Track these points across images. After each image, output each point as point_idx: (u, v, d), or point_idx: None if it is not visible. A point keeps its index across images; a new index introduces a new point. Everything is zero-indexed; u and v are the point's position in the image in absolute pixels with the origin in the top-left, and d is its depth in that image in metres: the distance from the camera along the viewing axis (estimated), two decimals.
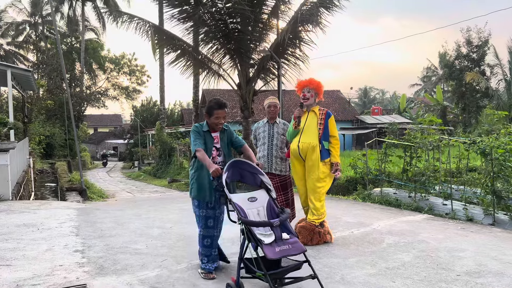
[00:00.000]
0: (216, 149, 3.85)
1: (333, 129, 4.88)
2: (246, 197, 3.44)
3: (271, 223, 3.15)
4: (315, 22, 10.09)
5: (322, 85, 4.99)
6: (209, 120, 3.81)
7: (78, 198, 11.17)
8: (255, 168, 3.61)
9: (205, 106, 3.84)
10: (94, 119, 61.41)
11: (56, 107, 28.32)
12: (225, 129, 3.91)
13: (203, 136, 3.77)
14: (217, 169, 3.40)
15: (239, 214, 3.23)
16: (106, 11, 12.09)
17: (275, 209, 3.46)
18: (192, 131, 3.83)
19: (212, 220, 3.82)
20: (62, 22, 40.17)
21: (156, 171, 24.50)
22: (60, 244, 4.94)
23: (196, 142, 3.73)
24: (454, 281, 3.58)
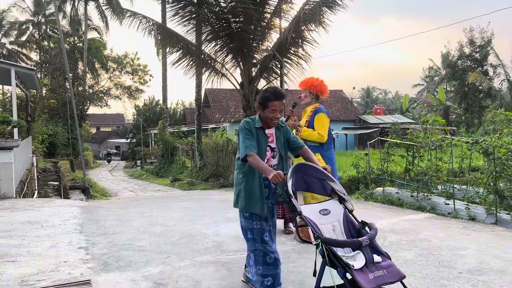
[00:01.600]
0: (270, 149, 3.17)
1: (317, 125, 4.70)
2: (317, 210, 2.82)
3: (360, 242, 2.48)
4: (318, 22, 10.13)
5: (320, 84, 4.89)
6: (262, 113, 3.11)
7: (81, 196, 11.21)
8: (324, 173, 2.96)
9: (259, 96, 3.15)
10: (96, 118, 61.55)
11: (59, 106, 28.42)
12: (281, 126, 3.23)
13: (255, 134, 3.07)
14: (279, 174, 2.71)
15: (315, 231, 2.58)
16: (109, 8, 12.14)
17: (354, 223, 2.84)
18: (242, 129, 3.09)
19: (268, 233, 3.16)
20: (65, 21, 40.29)
21: (158, 170, 24.55)
22: (64, 241, 4.98)
23: (247, 143, 2.99)
24: (456, 278, 3.60)
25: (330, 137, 4.83)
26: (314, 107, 4.86)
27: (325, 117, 4.76)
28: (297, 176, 2.91)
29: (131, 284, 3.52)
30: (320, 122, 4.70)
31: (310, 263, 4.00)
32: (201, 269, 3.90)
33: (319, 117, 4.73)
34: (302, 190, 2.98)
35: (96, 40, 41.78)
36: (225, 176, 13.62)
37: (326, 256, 2.48)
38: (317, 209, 2.83)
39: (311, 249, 4.52)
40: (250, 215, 3.10)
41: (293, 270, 3.85)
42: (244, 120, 3.19)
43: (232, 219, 6.31)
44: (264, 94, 3.11)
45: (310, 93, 4.91)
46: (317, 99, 4.95)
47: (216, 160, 15.45)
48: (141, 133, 38.60)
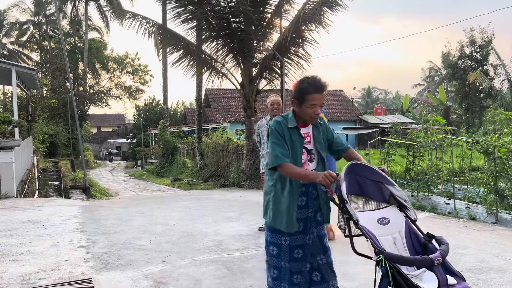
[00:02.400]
0: (306, 152, 2.64)
1: None
2: (375, 218, 2.41)
3: (432, 260, 2.06)
4: (318, 21, 10.13)
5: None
6: (298, 109, 2.59)
7: (82, 196, 11.23)
8: (381, 175, 2.50)
9: (295, 88, 2.63)
10: (97, 119, 61.56)
11: (59, 106, 28.44)
12: (319, 123, 2.71)
13: (288, 137, 2.57)
14: (330, 173, 2.28)
15: (375, 244, 2.16)
16: (109, 9, 12.19)
17: (418, 236, 2.43)
18: (272, 131, 2.60)
19: (301, 249, 2.63)
20: (65, 21, 40.32)
21: (159, 170, 24.55)
22: (65, 240, 4.99)
23: (277, 150, 2.51)
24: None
25: None
26: None
27: (323, 117, 4.78)
28: (350, 178, 2.45)
29: (132, 283, 3.53)
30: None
31: None
32: (202, 268, 3.91)
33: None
34: (354, 194, 2.51)
35: (97, 40, 41.83)
36: (226, 176, 13.62)
37: (390, 276, 2.07)
38: (375, 217, 2.41)
39: None
40: (279, 229, 2.62)
41: None
42: (274, 120, 2.66)
43: (233, 218, 6.33)
44: (300, 86, 2.57)
45: None
46: None
47: (216, 160, 15.45)
48: (141, 133, 38.62)
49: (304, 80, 2.59)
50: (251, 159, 11.65)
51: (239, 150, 13.45)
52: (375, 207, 2.49)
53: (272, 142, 2.57)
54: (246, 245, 4.70)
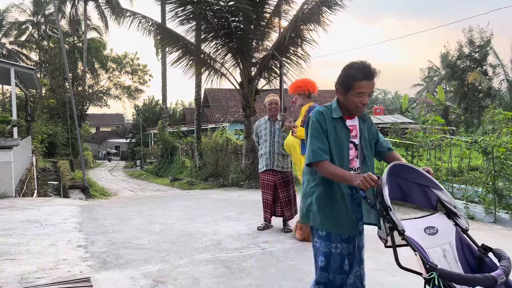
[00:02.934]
0: (354, 147, 2.38)
1: None
2: (422, 227, 2.10)
3: (495, 279, 1.74)
4: (317, 21, 10.13)
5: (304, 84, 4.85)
6: (343, 97, 2.29)
7: (81, 195, 11.23)
8: (427, 178, 2.21)
9: (341, 73, 2.31)
10: (96, 118, 61.52)
11: (58, 106, 28.42)
12: (366, 117, 2.45)
13: (332, 129, 2.28)
14: (370, 176, 2.03)
15: (425, 259, 1.90)
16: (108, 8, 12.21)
17: (472, 248, 2.11)
18: (312, 123, 2.30)
19: (348, 260, 2.40)
20: (64, 21, 40.29)
21: (158, 170, 24.55)
22: (64, 239, 4.98)
23: (315, 145, 2.24)
24: None
25: None
26: (309, 106, 4.87)
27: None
28: (392, 181, 2.14)
29: (130, 282, 3.53)
30: None
31: (309, 261, 4.02)
32: (200, 267, 3.91)
33: None
34: (396, 199, 2.23)
35: (96, 40, 41.79)
36: (225, 176, 13.62)
37: None
38: (421, 226, 2.10)
39: (310, 247, 4.52)
40: (328, 234, 2.32)
41: (292, 268, 3.87)
42: (316, 110, 2.35)
43: (232, 218, 6.33)
44: (347, 72, 2.27)
45: (299, 94, 4.92)
46: (309, 98, 4.94)
47: (215, 160, 15.46)
48: (140, 133, 38.62)
49: (352, 65, 2.28)
50: (250, 158, 11.65)
51: (238, 150, 13.46)
52: (420, 215, 2.23)
53: (311, 135, 2.28)
54: (244, 244, 4.71)
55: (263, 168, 5.36)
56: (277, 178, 5.26)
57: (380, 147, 2.55)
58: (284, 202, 5.28)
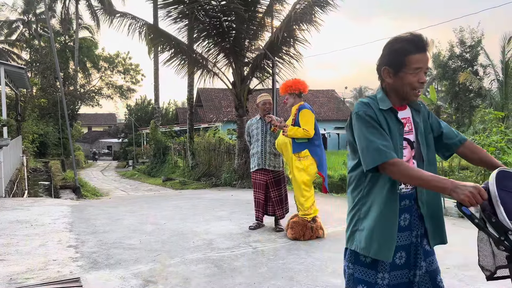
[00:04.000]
0: (409, 145, 1.86)
1: (302, 121, 4.71)
2: None
3: None
4: (309, 21, 10.16)
5: (295, 84, 4.93)
6: (394, 80, 1.81)
7: (72, 195, 11.16)
8: None
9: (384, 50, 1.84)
10: (88, 118, 61.11)
11: (49, 106, 28.18)
12: (420, 105, 1.93)
13: (384, 124, 1.78)
14: (477, 189, 1.55)
15: None
16: (99, 8, 12.15)
17: None
18: (360, 118, 1.78)
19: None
20: (55, 20, 39.95)
21: (150, 170, 24.45)
22: (54, 239, 4.95)
23: (377, 142, 1.71)
24: (443, 273, 3.62)
25: (318, 132, 4.84)
26: (299, 105, 4.91)
27: (309, 113, 4.78)
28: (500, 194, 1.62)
29: (121, 282, 3.51)
30: (304, 118, 4.73)
31: (300, 260, 4.04)
32: (191, 267, 3.91)
33: (303, 113, 4.77)
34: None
35: (88, 39, 41.50)
36: (217, 176, 13.61)
37: None
38: None
39: (301, 246, 4.55)
40: (373, 262, 1.81)
41: (283, 267, 3.87)
42: (359, 102, 1.88)
43: (223, 217, 6.32)
44: (395, 47, 1.79)
45: (290, 94, 4.96)
46: (299, 97, 4.98)
47: (208, 159, 15.43)
48: (133, 132, 38.43)
49: (398, 38, 1.81)
50: (243, 158, 11.65)
51: (231, 149, 13.45)
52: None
53: (366, 130, 1.75)
54: (236, 243, 4.71)
55: (255, 168, 5.36)
56: (268, 178, 5.26)
57: (447, 139, 1.94)
58: (275, 201, 5.28)
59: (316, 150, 4.79)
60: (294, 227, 4.78)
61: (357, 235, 1.83)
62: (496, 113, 12.60)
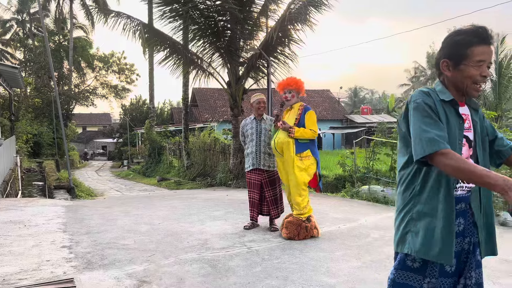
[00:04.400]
0: (467, 143, 1.76)
1: (309, 122, 4.78)
2: None
3: None
4: (304, 21, 10.18)
5: (301, 82, 5.00)
6: (453, 73, 1.74)
7: (66, 196, 11.10)
8: None
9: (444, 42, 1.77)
10: (82, 118, 60.85)
11: (44, 106, 28.02)
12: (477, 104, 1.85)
13: (443, 116, 1.68)
14: None
15: None
16: (93, 8, 12.10)
17: None
18: (418, 107, 1.68)
19: None
20: (49, 19, 39.71)
21: (145, 170, 24.39)
22: (47, 240, 4.92)
23: (430, 132, 1.61)
24: None
25: None
26: (301, 105, 4.93)
27: (314, 114, 4.89)
28: None
29: (115, 282, 3.50)
30: (311, 119, 4.81)
31: (295, 260, 4.04)
32: (186, 267, 3.90)
33: (310, 115, 4.83)
34: None
35: (82, 39, 41.29)
36: (213, 176, 13.60)
37: None
38: None
39: (296, 246, 4.56)
40: (423, 265, 1.71)
41: (278, 266, 3.88)
42: (418, 91, 1.76)
43: (218, 217, 6.32)
44: (457, 39, 1.71)
45: (296, 92, 4.99)
46: (298, 97, 5.03)
47: (203, 159, 15.42)
48: (128, 132, 38.30)
49: (460, 30, 1.72)
50: (238, 158, 11.65)
51: (226, 149, 13.44)
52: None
53: (421, 120, 1.64)
54: (231, 243, 4.71)
55: (249, 167, 5.36)
56: (263, 177, 5.27)
57: (500, 145, 1.86)
58: (270, 201, 5.29)
59: (316, 150, 4.87)
60: (289, 226, 4.79)
61: (410, 237, 1.71)
62: (490, 113, 12.68)
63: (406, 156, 1.76)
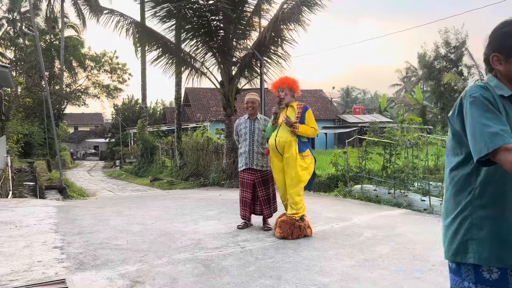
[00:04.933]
0: None
1: (310, 121, 4.86)
2: None
3: None
4: (297, 21, 10.20)
5: (295, 81, 5.05)
6: (504, 66, 1.64)
7: (58, 196, 11.00)
8: None
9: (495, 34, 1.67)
10: (74, 118, 60.40)
11: (35, 105, 27.76)
12: None
13: (504, 112, 1.56)
14: None
15: None
16: (86, 5, 11.99)
17: None
18: (476, 100, 1.56)
19: None
20: (40, 18, 39.35)
21: (138, 170, 24.27)
22: (39, 241, 4.88)
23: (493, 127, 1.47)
24: (428, 271, 3.69)
25: None
26: (300, 104, 4.97)
27: (312, 114, 4.96)
28: None
29: (107, 282, 3.48)
30: (312, 118, 4.89)
31: (288, 259, 4.05)
32: (179, 267, 3.89)
33: (309, 114, 4.89)
34: None
35: (73, 38, 40.98)
36: (206, 175, 13.57)
37: None
38: None
39: (289, 245, 4.57)
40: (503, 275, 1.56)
41: (271, 265, 3.88)
42: (473, 85, 1.65)
43: (212, 217, 6.31)
44: (506, 29, 1.63)
45: (291, 91, 5.02)
46: (293, 96, 5.07)
47: (196, 159, 15.38)
48: (120, 132, 38.09)
49: (506, 21, 1.64)
50: (231, 158, 11.64)
51: (219, 149, 13.42)
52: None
53: (481, 115, 1.51)
54: (224, 243, 4.70)
55: (242, 167, 5.36)
56: (256, 177, 5.27)
57: None
58: (263, 200, 5.29)
59: (311, 149, 4.93)
60: (282, 226, 4.80)
61: (474, 245, 1.57)
62: None
63: (460, 156, 1.62)
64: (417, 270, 3.71)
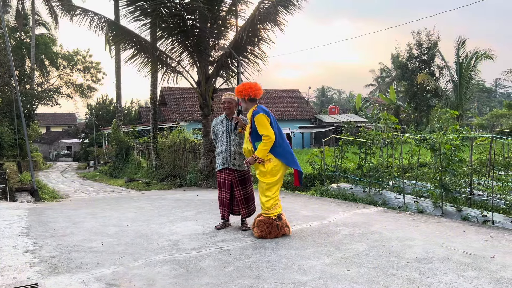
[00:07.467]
0: None
1: (260, 127, 4.67)
2: None
3: None
4: (273, 21, 10.23)
5: (241, 88, 4.91)
6: None
7: (29, 198, 10.67)
8: None
9: None
10: (46, 118, 58.85)
11: (4, 105, 26.86)
12: None
13: None
14: None
15: None
16: (58, 5, 11.69)
17: None
18: None
19: None
20: (10, 15, 38.08)
21: (112, 170, 23.85)
22: (9, 244, 4.72)
23: None
24: (404, 267, 3.76)
25: (279, 132, 4.86)
26: (252, 111, 4.85)
27: (263, 116, 4.70)
28: None
29: (82, 286, 3.39)
30: (260, 124, 4.68)
31: (267, 258, 4.05)
32: (156, 268, 3.83)
33: (258, 119, 4.70)
34: None
35: (45, 36, 39.87)
36: (182, 176, 13.44)
37: None
38: None
39: (267, 244, 4.57)
40: None
41: (250, 265, 3.87)
42: None
43: (189, 218, 6.25)
44: None
45: (241, 99, 4.96)
46: (252, 102, 4.96)
47: (173, 159, 15.21)
48: (94, 132, 37.33)
49: None
50: (209, 158, 11.57)
51: (196, 149, 13.32)
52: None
53: None
54: (202, 243, 4.66)
55: (219, 167, 5.33)
56: (233, 177, 5.24)
57: None
58: (240, 200, 5.26)
59: (279, 151, 4.75)
60: (260, 225, 4.80)
61: None
62: (451, 112, 13.17)
63: None
64: (394, 267, 3.77)
